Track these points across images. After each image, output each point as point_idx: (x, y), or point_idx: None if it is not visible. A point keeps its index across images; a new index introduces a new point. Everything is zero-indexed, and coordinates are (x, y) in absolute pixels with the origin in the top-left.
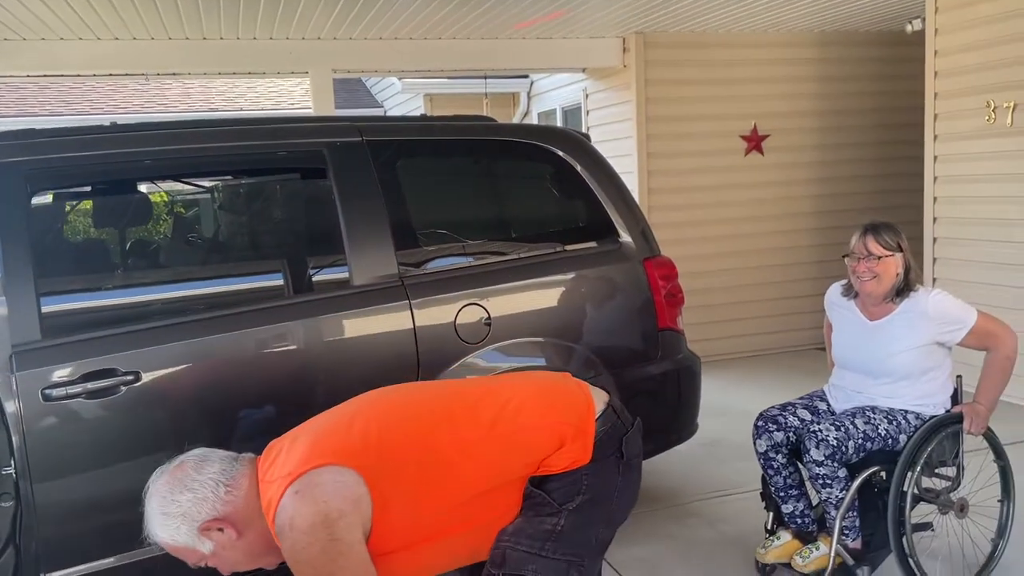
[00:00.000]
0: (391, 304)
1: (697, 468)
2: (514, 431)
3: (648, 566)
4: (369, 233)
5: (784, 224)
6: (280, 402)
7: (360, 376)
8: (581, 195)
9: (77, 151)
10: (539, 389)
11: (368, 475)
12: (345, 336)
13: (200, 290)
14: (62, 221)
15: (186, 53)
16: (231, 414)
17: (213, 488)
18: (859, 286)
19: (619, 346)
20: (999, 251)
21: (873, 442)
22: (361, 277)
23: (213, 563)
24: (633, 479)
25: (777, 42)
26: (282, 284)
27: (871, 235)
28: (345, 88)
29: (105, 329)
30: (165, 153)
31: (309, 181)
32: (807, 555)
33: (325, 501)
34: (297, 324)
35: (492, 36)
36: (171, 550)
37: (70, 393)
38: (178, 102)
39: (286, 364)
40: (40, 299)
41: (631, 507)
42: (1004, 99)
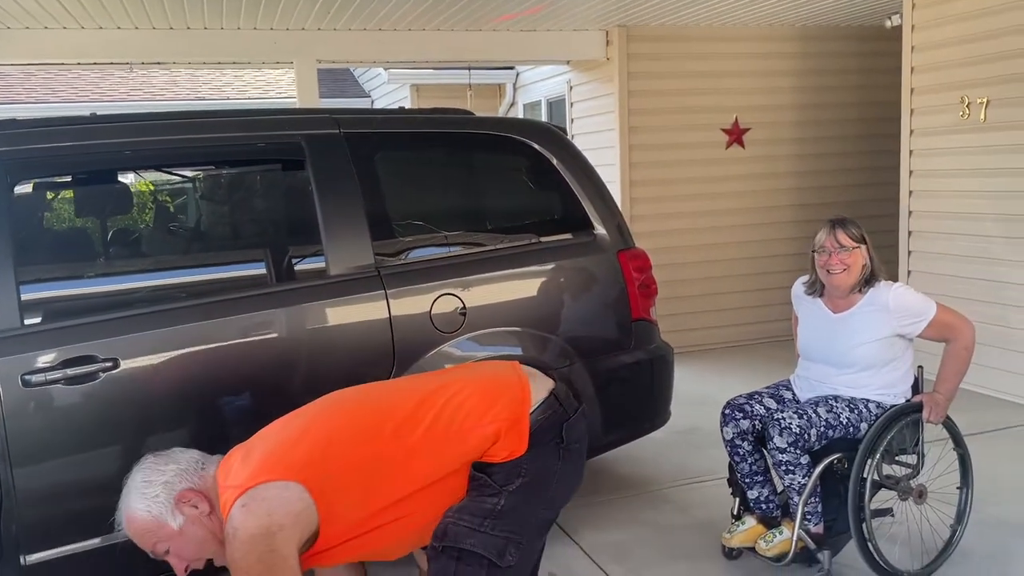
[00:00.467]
0: (367, 294)
1: (672, 456)
2: (455, 431)
3: (619, 550)
4: (345, 224)
5: (764, 217)
6: (256, 389)
7: (336, 364)
8: (557, 188)
9: (57, 141)
10: (480, 386)
11: (313, 487)
12: (321, 325)
13: (179, 279)
14: (42, 210)
15: (170, 43)
16: (208, 401)
17: (196, 464)
18: (829, 280)
19: (593, 336)
20: (972, 245)
21: (835, 430)
22: (337, 267)
23: (174, 547)
24: (574, 463)
25: (759, 36)
26: (259, 274)
27: (840, 228)
28: (333, 78)
29: (84, 317)
30: (145, 144)
31: (287, 172)
32: (771, 539)
33: (268, 515)
34: (273, 313)
35: (476, 28)
36: (138, 528)
37: (49, 379)
38: (165, 91)
39: (263, 352)
40: (20, 287)
41: (575, 488)
42: (978, 95)
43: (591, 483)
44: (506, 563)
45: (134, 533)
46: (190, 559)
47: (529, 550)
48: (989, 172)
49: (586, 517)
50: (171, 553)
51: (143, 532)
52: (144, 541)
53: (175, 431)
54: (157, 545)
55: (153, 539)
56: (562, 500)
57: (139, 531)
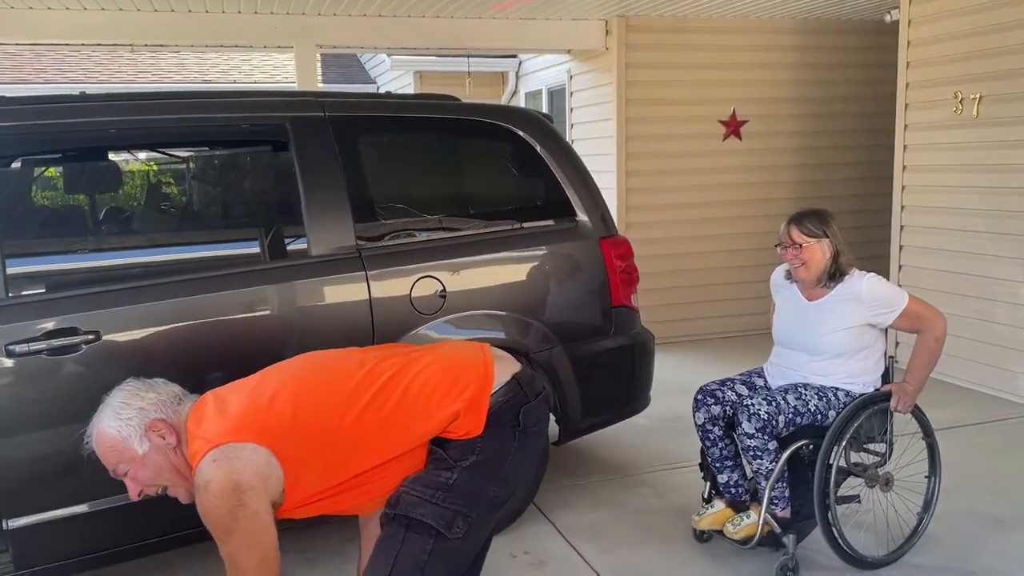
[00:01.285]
0: (348, 274)
1: (653, 442)
2: (421, 409)
3: (595, 531)
4: (327, 205)
5: (760, 209)
6: (235, 365)
7: (316, 343)
8: (540, 174)
9: (45, 119)
10: (445, 365)
11: (282, 455)
12: (302, 304)
13: (162, 256)
14: (30, 186)
15: (172, 25)
16: (189, 375)
17: (174, 398)
18: (793, 272)
19: (574, 321)
20: (962, 240)
21: (803, 417)
22: (319, 248)
23: (133, 470)
24: (530, 446)
25: (758, 28)
26: (242, 252)
27: (793, 224)
28: (339, 63)
29: (68, 290)
30: (133, 123)
31: (272, 153)
32: (738, 523)
33: (239, 472)
34: (255, 291)
35: (476, 15)
36: (105, 445)
37: (32, 349)
38: (172, 73)
39: (243, 329)
40: (5, 260)
41: (531, 469)
42: (971, 91)
43: (570, 465)
44: (453, 535)
45: (100, 449)
46: (145, 484)
47: (478, 525)
48: (980, 168)
49: (563, 499)
50: (129, 476)
51: (109, 450)
52: (108, 458)
53: None
54: (119, 466)
55: (116, 459)
56: (515, 481)
57: (105, 448)
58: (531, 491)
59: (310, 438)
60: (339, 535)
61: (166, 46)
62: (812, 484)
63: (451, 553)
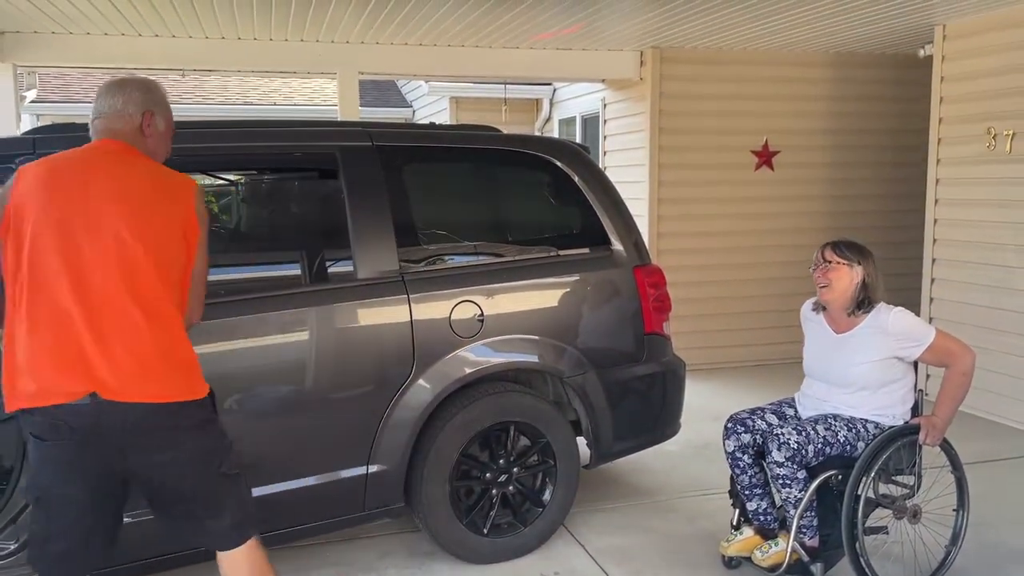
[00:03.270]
0: (391, 297)
1: (684, 468)
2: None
3: (624, 555)
4: (373, 230)
5: (791, 239)
6: (281, 383)
7: (359, 362)
8: (576, 204)
9: None
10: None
11: None
12: (347, 325)
13: (215, 276)
14: None
15: (222, 51)
16: (236, 393)
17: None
18: (819, 295)
19: (607, 347)
20: (994, 274)
21: (832, 447)
22: (365, 271)
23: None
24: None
25: (791, 61)
26: (291, 275)
27: (830, 246)
28: (377, 88)
29: None
30: (189, 150)
31: (321, 181)
32: (766, 550)
33: None
34: (302, 312)
35: (514, 45)
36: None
37: None
38: (215, 95)
39: (288, 349)
40: None
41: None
42: (1004, 127)
43: (601, 489)
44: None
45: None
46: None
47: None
48: (1013, 203)
49: (593, 522)
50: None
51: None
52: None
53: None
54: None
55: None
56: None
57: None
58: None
59: None
60: (377, 548)
61: (215, 71)
62: (840, 514)
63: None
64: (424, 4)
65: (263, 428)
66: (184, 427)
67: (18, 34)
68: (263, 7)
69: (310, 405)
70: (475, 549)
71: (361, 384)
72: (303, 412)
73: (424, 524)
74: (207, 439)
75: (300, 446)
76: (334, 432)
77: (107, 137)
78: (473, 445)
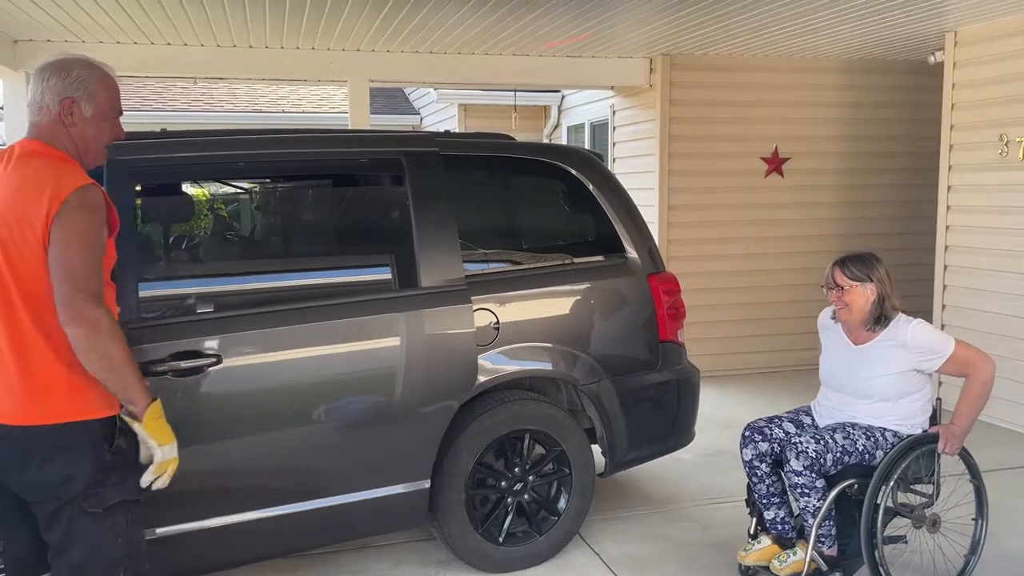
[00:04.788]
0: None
1: (698, 476)
2: None
3: (639, 563)
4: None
5: (802, 246)
6: (351, 390)
7: (423, 368)
8: (591, 212)
9: (187, 152)
10: None
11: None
12: (414, 329)
13: (281, 283)
14: (163, 215)
15: (233, 59)
16: (304, 399)
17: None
18: (838, 315)
19: (621, 355)
20: (1006, 281)
21: (851, 456)
22: (429, 279)
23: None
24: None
25: (801, 67)
26: (358, 280)
27: (838, 267)
28: (385, 94)
29: (194, 315)
30: (262, 156)
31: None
32: (784, 559)
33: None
34: (368, 320)
35: (523, 53)
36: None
37: (159, 370)
38: (224, 102)
39: (357, 355)
40: (139, 285)
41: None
42: (1017, 133)
43: (615, 498)
44: None
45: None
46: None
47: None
48: None
49: (608, 530)
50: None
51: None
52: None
53: (276, 424)
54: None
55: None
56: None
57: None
58: None
59: None
60: (391, 557)
61: (226, 79)
62: (859, 523)
63: None
64: (435, 13)
65: (328, 435)
66: (29, 451)
67: (32, 43)
68: (276, 15)
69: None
70: (490, 557)
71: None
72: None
73: (439, 532)
74: (56, 467)
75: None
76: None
77: (28, 134)
78: (488, 453)
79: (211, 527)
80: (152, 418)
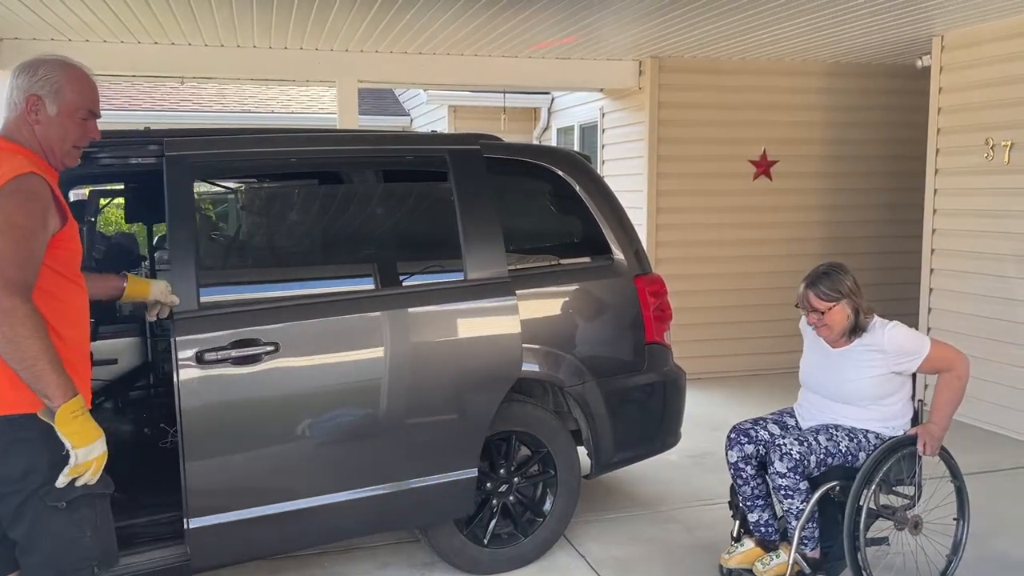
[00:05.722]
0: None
1: (684, 478)
2: None
3: (623, 566)
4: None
5: (789, 248)
6: (402, 374)
7: (469, 360)
8: (578, 213)
9: (242, 148)
10: None
11: None
12: (456, 321)
13: (331, 273)
14: (222, 207)
15: (221, 59)
16: (357, 386)
17: None
18: (816, 332)
19: (607, 356)
20: (992, 284)
21: (834, 457)
22: (475, 272)
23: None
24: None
25: (790, 71)
26: (411, 273)
27: (810, 290)
28: (374, 95)
29: (253, 304)
30: (317, 153)
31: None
32: (767, 562)
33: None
34: (414, 311)
35: (512, 54)
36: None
37: (220, 358)
38: (213, 103)
39: (407, 344)
40: (199, 276)
41: None
42: (1003, 138)
43: (600, 500)
44: None
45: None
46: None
47: None
48: (1011, 214)
49: (593, 532)
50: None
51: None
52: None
53: (331, 410)
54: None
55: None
56: None
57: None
58: None
59: None
60: (376, 559)
61: (214, 78)
62: (842, 525)
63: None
64: (424, 13)
65: (379, 422)
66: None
67: (17, 41)
68: (263, 15)
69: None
70: (475, 559)
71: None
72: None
73: (424, 534)
74: (13, 459)
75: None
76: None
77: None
78: None
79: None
80: (67, 417)
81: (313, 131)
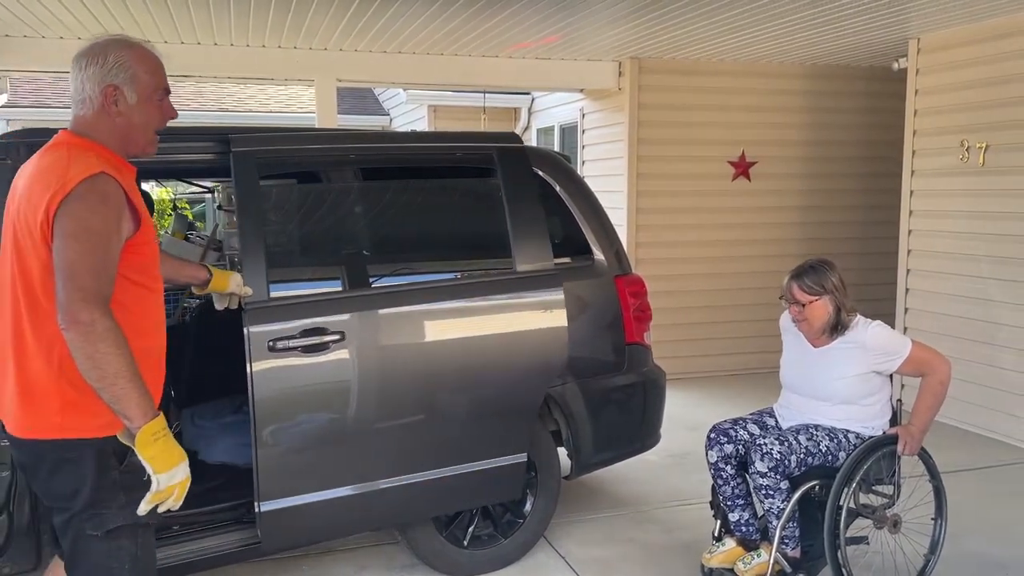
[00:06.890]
0: None
1: (664, 478)
2: None
3: (604, 566)
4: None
5: (768, 249)
6: (460, 363)
7: (517, 349)
8: (558, 213)
9: (304, 144)
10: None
11: None
12: (506, 313)
13: (394, 267)
14: (290, 203)
15: (198, 57)
16: (420, 374)
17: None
18: (798, 327)
19: (588, 357)
20: (968, 285)
21: (815, 457)
22: (523, 265)
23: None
24: None
25: (768, 72)
26: (463, 267)
27: (795, 282)
28: (353, 95)
29: (320, 295)
30: (370, 150)
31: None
32: (748, 561)
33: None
34: (470, 303)
35: (492, 54)
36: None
37: (289, 346)
38: (191, 102)
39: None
40: (268, 268)
41: None
42: (977, 139)
43: (581, 500)
44: None
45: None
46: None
47: None
48: (986, 215)
49: (573, 533)
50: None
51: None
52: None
53: (392, 397)
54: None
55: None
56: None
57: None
58: None
59: None
60: (355, 561)
61: (190, 77)
62: (822, 524)
63: None
64: (403, 12)
65: (437, 408)
66: (37, 461)
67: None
68: (241, 13)
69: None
70: (454, 561)
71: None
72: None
73: (404, 535)
74: (62, 479)
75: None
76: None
77: (69, 126)
78: None
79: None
80: (148, 439)
81: (369, 131)
